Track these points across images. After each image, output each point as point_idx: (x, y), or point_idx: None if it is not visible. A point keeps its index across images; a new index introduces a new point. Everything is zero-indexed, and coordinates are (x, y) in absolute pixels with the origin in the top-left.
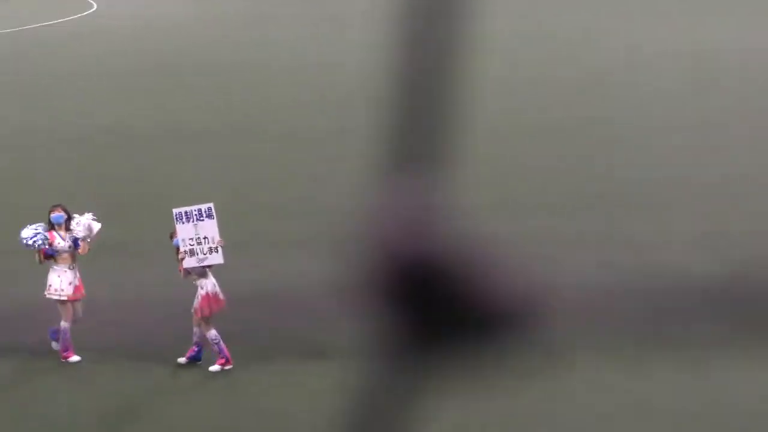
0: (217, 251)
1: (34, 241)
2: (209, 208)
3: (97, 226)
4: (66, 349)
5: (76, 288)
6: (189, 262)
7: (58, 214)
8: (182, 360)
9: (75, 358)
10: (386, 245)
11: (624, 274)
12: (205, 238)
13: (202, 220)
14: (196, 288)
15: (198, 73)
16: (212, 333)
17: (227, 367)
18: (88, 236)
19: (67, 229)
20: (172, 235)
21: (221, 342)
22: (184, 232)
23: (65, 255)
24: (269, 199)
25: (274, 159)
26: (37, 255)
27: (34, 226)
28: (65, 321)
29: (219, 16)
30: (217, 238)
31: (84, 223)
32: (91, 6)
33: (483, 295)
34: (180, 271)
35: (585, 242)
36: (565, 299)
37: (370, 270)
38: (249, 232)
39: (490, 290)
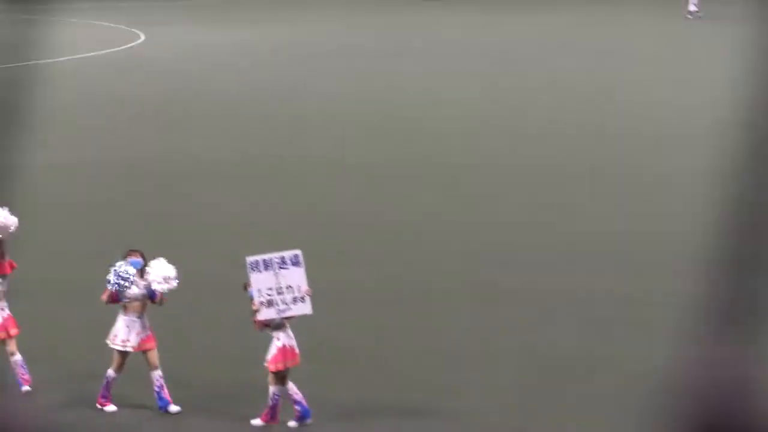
0: (303, 300)
1: (118, 282)
2: (296, 256)
3: (171, 274)
4: (104, 397)
5: (145, 339)
6: (267, 314)
7: (135, 260)
8: (293, 424)
9: (111, 407)
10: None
11: None
12: (288, 287)
13: (286, 268)
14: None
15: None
16: (276, 388)
17: (268, 423)
18: (166, 287)
19: (142, 275)
20: (246, 285)
21: (279, 401)
22: (261, 282)
23: (136, 303)
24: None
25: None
26: (107, 295)
27: (125, 268)
28: (113, 370)
29: (269, 47)
30: (305, 287)
31: (162, 275)
32: (138, 36)
33: None
34: (254, 322)
35: None
36: None
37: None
38: None
39: None
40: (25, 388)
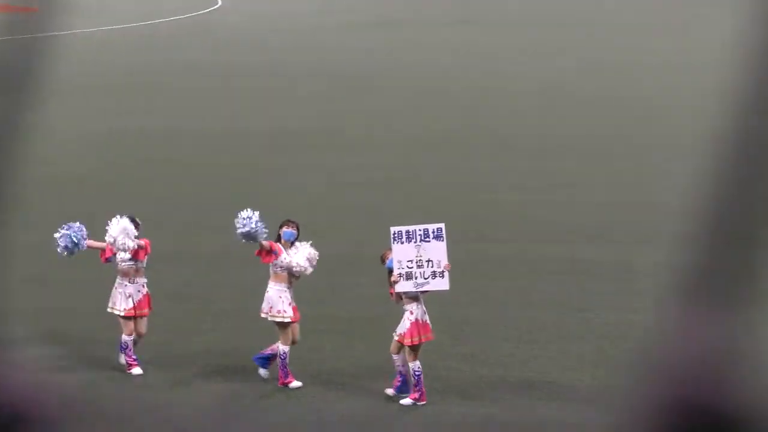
0: (442, 276)
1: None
2: (439, 229)
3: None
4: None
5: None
6: (404, 286)
7: (289, 231)
8: (390, 391)
9: (137, 370)
10: (672, 386)
11: None
12: (429, 261)
13: (428, 241)
14: (402, 313)
15: (315, 77)
16: (416, 364)
17: (420, 403)
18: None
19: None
20: (384, 257)
21: (422, 375)
22: (402, 253)
23: (284, 275)
24: None
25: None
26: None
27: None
28: (282, 344)
29: (343, 20)
30: (445, 261)
31: (307, 256)
32: (216, 2)
33: None
34: (391, 294)
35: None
36: None
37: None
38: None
39: None
40: (136, 370)
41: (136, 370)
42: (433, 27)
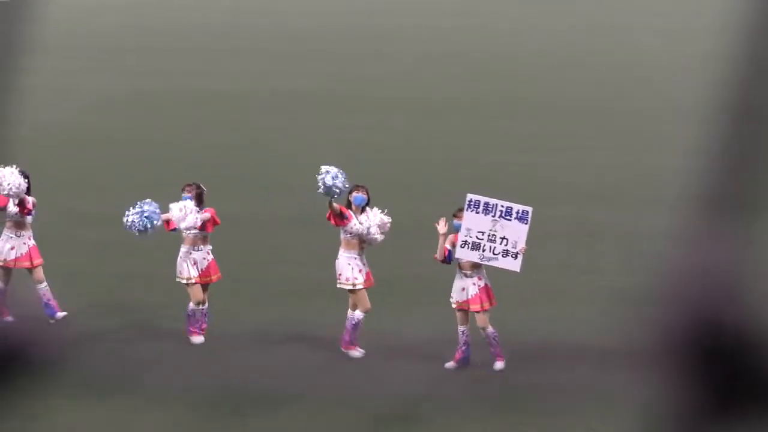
0: (515, 257)
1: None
2: (525, 212)
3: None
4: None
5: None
6: (467, 255)
7: (360, 196)
8: (451, 365)
9: (199, 339)
10: (684, 303)
11: None
12: (503, 238)
13: (509, 219)
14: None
15: (320, 39)
16: (491, 329)
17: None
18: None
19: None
20: (456, 215)
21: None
22: (474, 222)
23: (354, 242)
24: None
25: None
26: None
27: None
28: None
29: None
30: (522, 244)
31: (379, 223)
32: None
33: None
34: (436, 257)
35: None
36: None
37: (664, 328)
38: None
39: None
40: (197, 339)
41: (197, 339)
42: None
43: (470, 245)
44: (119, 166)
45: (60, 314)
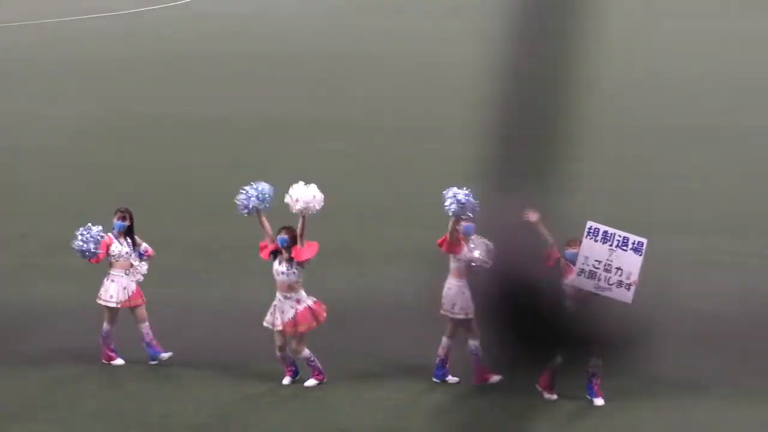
0: (628, 288)
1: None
2: (641, 243)
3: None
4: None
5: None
6: (583, 283)
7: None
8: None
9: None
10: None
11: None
12: (618, 269)
13: (625, 250)
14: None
15: (300, 63)
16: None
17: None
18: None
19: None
20: (571, 243)
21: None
22: (592, 251)
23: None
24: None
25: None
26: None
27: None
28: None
29: (321, 6)
30: (635, 276)
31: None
32: None
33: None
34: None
35: (721, 265)
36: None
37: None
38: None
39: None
40: (311, 381)
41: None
42: (420, 15)
43: (587, 273)
44: (100, 191)
45: (165, 355)
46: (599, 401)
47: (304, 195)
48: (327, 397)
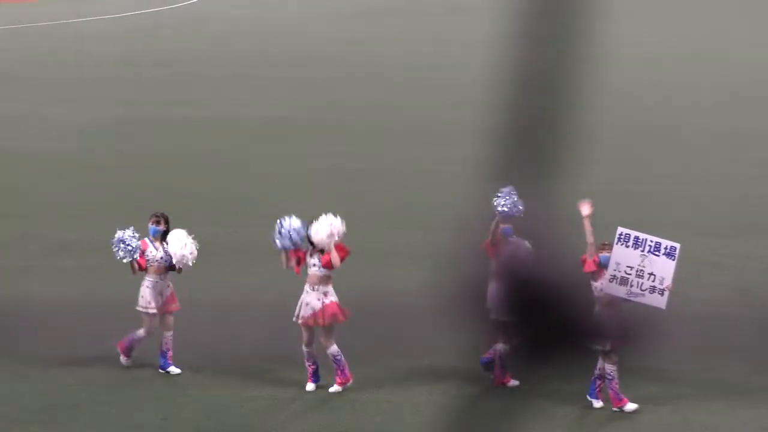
0: (662, 294)
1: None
2: (673, 248)
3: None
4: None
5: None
6: (615, 290)
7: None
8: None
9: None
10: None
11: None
12: (651, 274)
13: (658, 255)
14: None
15: (300, 65)
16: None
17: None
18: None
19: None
20: (604, 246)
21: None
22: (623, 257)
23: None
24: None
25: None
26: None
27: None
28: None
29: (328, 9)
30: (669, 281)
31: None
32: None
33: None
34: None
35: (720, 266)
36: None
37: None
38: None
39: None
40: (335, 388)
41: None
42: (419, 17)
43: (618, 280)
44: (100, 194)
45: (174, 370)
46: (599, 403)
47: (324, 230)
48: (327, 399)
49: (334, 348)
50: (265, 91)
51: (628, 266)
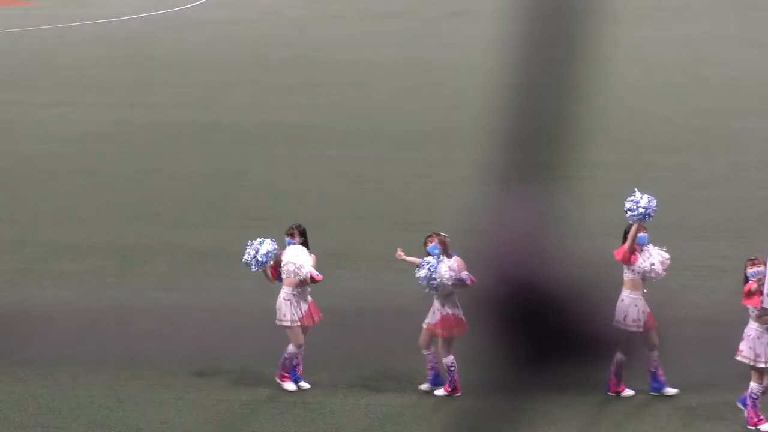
0: None
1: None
2: None
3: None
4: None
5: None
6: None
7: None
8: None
9: (290, 385)
10: (496, 264)
11: None
12: None
13: None
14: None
15: (301, 68)
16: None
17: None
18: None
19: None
20: (754, 261)
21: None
22: None
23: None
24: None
25: (384, 161)
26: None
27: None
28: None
29: (328, 13)
30: None
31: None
32: None
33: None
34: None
35: (720, 269)
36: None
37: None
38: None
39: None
40: (440, 391)
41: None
42: (420, 20)
43: None
44: (99, 198)
45: (290, 386)
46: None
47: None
48: (325, 403)
49: (449, 359)
50: (266, 95)
51: None
